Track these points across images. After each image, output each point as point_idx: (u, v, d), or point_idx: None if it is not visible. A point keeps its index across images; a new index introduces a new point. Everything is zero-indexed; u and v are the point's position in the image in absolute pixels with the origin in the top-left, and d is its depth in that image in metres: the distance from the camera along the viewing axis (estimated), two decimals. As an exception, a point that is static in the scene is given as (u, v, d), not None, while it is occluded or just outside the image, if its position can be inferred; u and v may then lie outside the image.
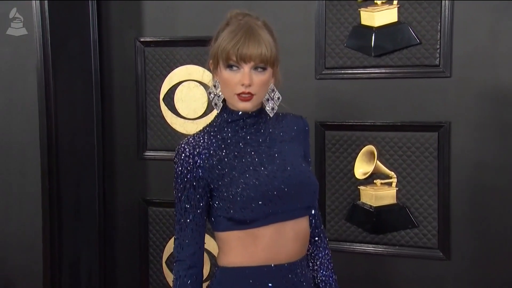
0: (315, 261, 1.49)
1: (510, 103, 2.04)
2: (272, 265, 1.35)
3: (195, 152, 1.35)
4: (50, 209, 2.30)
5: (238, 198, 1.31)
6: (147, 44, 2.47)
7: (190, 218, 1.36)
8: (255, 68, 1.31)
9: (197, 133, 1.41)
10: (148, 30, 2.46)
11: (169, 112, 2.46)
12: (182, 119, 2.44)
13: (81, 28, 2.44)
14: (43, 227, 2.31)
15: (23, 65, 2.33)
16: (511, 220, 2.05)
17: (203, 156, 1.35)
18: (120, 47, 2.50)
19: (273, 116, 1.43)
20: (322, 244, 1.50)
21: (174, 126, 2.45)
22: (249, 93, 1.31)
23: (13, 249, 2.41)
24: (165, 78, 2.46)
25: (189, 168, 1.34)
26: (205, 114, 2.41)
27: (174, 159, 1.36)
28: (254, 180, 1.33)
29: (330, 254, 1.51)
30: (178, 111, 2.45)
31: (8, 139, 2.40)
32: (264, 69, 1.32)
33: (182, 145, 1.36)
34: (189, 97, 2.43)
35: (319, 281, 1.49)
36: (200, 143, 1.37)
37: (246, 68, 1.31)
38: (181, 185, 1.35)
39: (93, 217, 2.52)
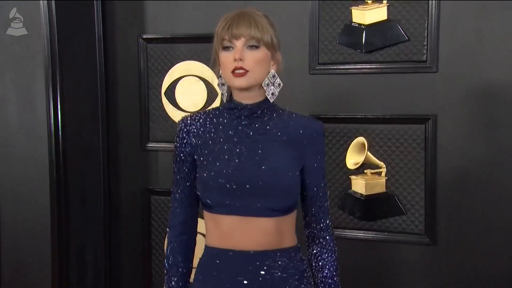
0: (318, 261, 1.45)
1: (493, 97, 2.07)
2: (237, 250, 1.34)
3: (186, 129, 1.41)
4: (58, 198, 2.33)
5: (202, 183, 1.35)
6: (149, 41, 2.48)
7: (181, 189, 1.43)
8: (249, 46, 1.32)
9: (198, 112, 1.45)
10: (150, 27, 2.48)
11: (170, 105, 2.49)
12: (182, 112, 2.46)
13: (87, 26, 2.45)
14: (51, 215, 2.33)
15: (31, 61, 2.34)
16: (493, 207, 2.10)
17: (191, 134, 1.40)
18: (123, 44, 2.52)
19: (280, 115, 1.40)
20: (327, 246, 1.45)
21: (175, 118, 2.48)
22: (241, 68, 1.31)
23: (23, 237, 2.43)
24: (167, 73, 2.48)
25: (180, 142, 1.41)
26: (204, 107, 2.44)
27: None
28: (219, 170, 1.33)
29: (334, 257, 1.45)
30: (179, 104, 2.48)
31: (17, 132, 2.40)
32: (256, 47, 1.32)
33: (180, 121, 1.43)
34: (189, 91, 2.46)
35: (319, 281, 1.45)
36: (194, 122, 1.41)
37: (238, 44, 1.31)
38: (174, 157, 1.42)
39: (99, 206, 2.53)
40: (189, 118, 1.43)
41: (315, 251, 1.45)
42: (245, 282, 1.34)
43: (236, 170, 1.33)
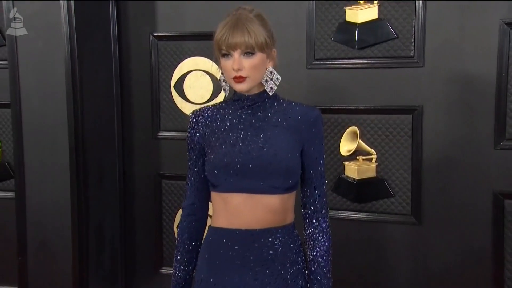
0: (310, 241, 1.48)
1: (474, 89, 2.17)
2: (243, 229, 1.41)
3: (195, 120, 1.50)
4: (77, 180, 2.44)
5: (209, 164, 1.44)
6: (160, 38, 2.57)
7: (191, 173, 1.53)
8: (245, 53, 1.38)
9: (210, 105, 1.54)
10: (161, 26, 2.56)
11: (179, 97, 2.58)
12: (190, 104, 2.56)
13: (103, 24, 2.54)
14: (71, 196, 2.44)
15: (53, 57, 2.42)
16: (473, 190, 2.20)
17: (200, 124, 1.48)
18: (136, 41, 2.60)
19: (280, 103, 1.46)
20: (319, 228, 1.47)
21: (183, 110, 2.58)
22: (240, 76, 1.38)
23: (46, 215, 2.52)
24: (176, 68, 2.56)
25: (190, 132, 1.51)
26: (210, 99, 2.53)
27: None
28: (225, 152, 1.41)
29: (326, 238, 1.47)
30: (187, 96, 2.57)
31: (41, 121, 2.49)
32: (252, 53, 1.38)
33: (191, 113, 1.54)
34: (197, 85, 2.55)
35: (309, 260, 1.49)
36: (204, 113, 1.50)
37: (236, 54, 1.38)
38: (187, 146, 1.53)
39: (115, 188, 2.65)
40: (198, 111, 1.51)
41: (308, 232, 1.49)
42: (251, 257, 1.42)
43: (240, 152, 1.41)
